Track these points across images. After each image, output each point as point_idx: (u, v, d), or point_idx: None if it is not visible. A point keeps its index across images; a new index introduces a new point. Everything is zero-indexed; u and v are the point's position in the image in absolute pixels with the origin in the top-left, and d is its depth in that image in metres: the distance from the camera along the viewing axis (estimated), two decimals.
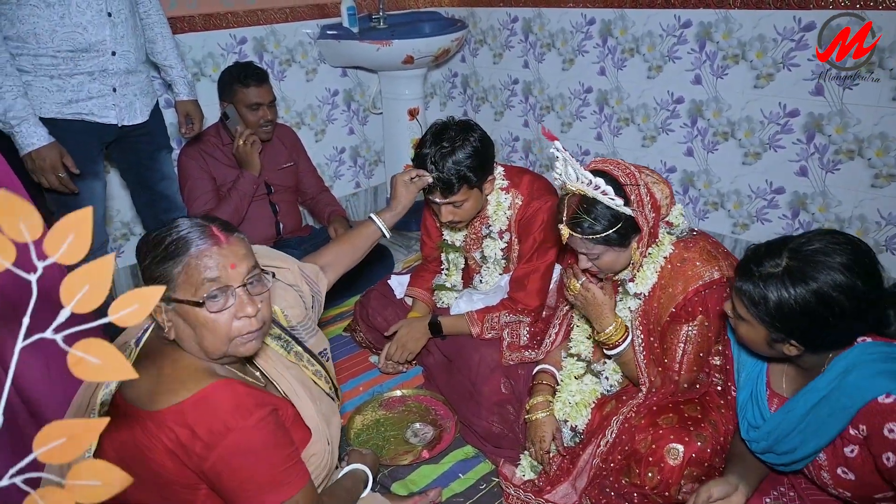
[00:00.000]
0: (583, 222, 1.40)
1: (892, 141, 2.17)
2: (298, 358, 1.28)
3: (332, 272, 1.59)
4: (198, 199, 2.38)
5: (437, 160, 1.69)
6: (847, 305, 1.08)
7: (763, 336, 1.19)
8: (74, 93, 1.88)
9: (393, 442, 1.86)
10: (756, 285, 1.14)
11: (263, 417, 1.05)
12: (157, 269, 1.03)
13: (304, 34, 3.00)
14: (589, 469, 1.53)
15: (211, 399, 1.02)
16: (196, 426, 1.00)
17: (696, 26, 2.53)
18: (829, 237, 1.12)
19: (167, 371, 1.06)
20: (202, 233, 1.04)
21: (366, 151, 3.48)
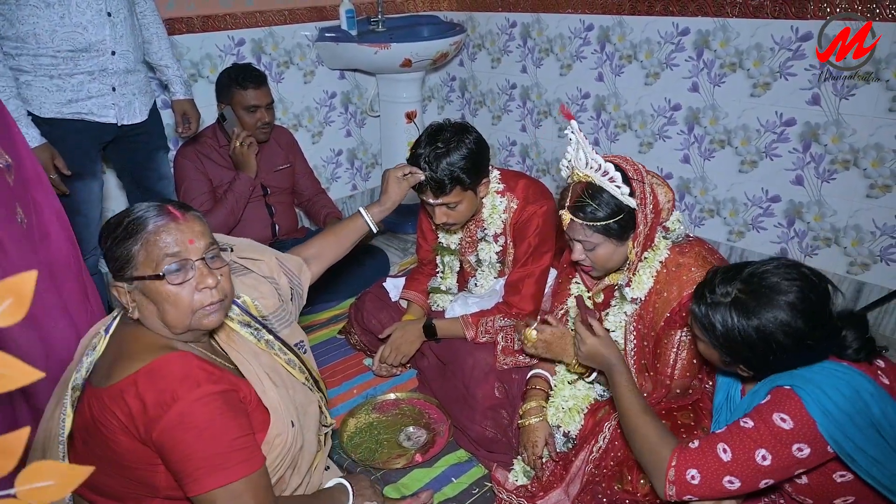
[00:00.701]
0: (586, 207, 1.41)
1: (887, 151, 2.18)
2: (269, 346, 1.29)
3: (316, 264, 1.60)
4: (193, 200, 2.37)
5: (430, 160, 1.69)
6: (785, 343, 1.11)
7: (717, 357, 1.23)
8: (74, 92, 1.87)
9: (386, 445, 1.86)
10: (705, 311, 1.18)
11: (212, 393, 1.04)
12: (118, 250, 1.07)
13: (303, 36, 3.00)
14: (581, 475, 1.53)
15: (161, 368, 1.04)
16: (145, 396, 1.01)
17: (694, 34, 2.54)
18: (785, 272, 1.13)
19: (126, 348, 1.09)
20: (159, 211, 1.09)
21: (363, 154, 3.48)
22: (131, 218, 1.08)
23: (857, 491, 1.16)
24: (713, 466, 1.16)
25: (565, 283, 1.76)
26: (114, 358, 1.09)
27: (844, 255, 2.39)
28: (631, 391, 1.36)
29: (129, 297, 1.09)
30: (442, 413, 1.96)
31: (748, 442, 1.13)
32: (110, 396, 1.03)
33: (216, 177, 2.44)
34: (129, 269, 1.06)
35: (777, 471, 1.13)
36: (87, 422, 1.07)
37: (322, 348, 2.33)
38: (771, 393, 1.15)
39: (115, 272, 1.09)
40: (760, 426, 1.13)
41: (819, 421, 1.08)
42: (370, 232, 1.70)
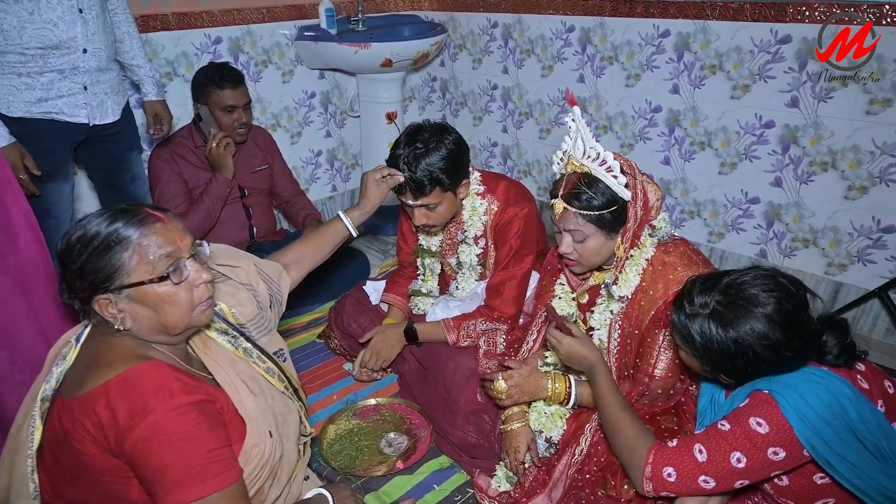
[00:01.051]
0: (582, 194, 1.40)
1: (864, 154, 2.20)
2: (248, 354, 1.26)
3: (296, 270, 1.57)
4: (169, 201, 2.32)
5: (409, 161, 1.67)
6: (764, 355, 1.12)
7: (698, 365, 1.24)
8: (44, 91, 1.82)
9: (367, 452, 1.83)
10: (684, 322, 1.19)
11: (186, 404, 1.01)
12: (101, 261, 1.02)
13: (281, 35, 2.96)
14: (564, 479, 1.51)
15: (134, 378, 1.01)
16: (117, 407, 0.98)
17: (675, 36, 2.55)
18: (763, 283, 1.14)
19: (98, 357, 1.06)
20: (139, 216, 1.05)
21: (343, 155, 3.44)
22: (107, 230, 1.03)
23: (836, 493, 1.17)
24: (689, 466, 1.19)
25: (549, 284, 1.74)
26: (85, 367, 1.05)
27: (822, 255, 2.41)
28: (611, 389, 1.37)
29: (116, 310, 1.05)
30: (423, 418, 1.94)
31: (723, 444, 1.15)
32: (80, 407, 1.00)
33: (192, 178, 2.38)
34: (119, 278, 1.02)
35: (752, 472, 1.15)
36: (57, 434, 1.04)
37: (301, 353, 2.29)
38: (750, 396, 1.16)
39: (96, 285, 1.03)
40: (736, 429, 1.14)
41: (796, 426, 1.09)
42: (350, 236, 1.67)
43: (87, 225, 1.05)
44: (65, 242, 1.05)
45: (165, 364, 1.06)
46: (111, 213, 1.05)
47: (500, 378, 1.59)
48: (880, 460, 1.10)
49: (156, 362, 1.05)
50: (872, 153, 2.18)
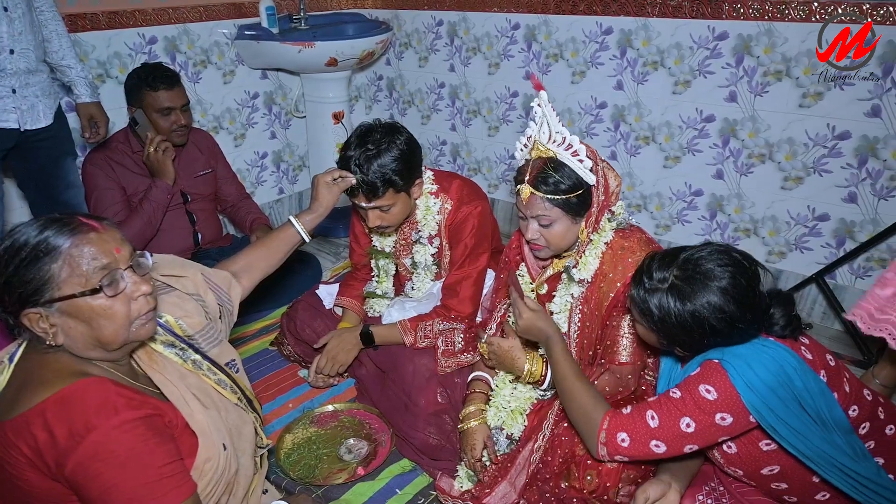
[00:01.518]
0: (549, 178, 1.41)
1: (798, 145, 2.30)
2: (197, 367, 1.21)
3: (246, 278, 1.52)
4: (106, 210, 2.20)
5: (361, 163, 1.64)
6: (718, 326, 1.17)
7: (655, 339, 1.29)
8: None
9: (326, 460, 1.79)
10: (643, 297, 1.23)
11: (132, 420, 0.96)
12: (29, 273, 0.96)
13: (221, 34, 2.86)
14: (527, 465, 1.52)
15: (74, 396, 0.95)
16: (55, 427, 0.92)
17: (617, 33, 2.59)
18: (718, 258, 1.19)
19: (33, 375, 0.99)
20: (71, 225, 1.00)
21: (289, 156, 3.36)
22: (36, 239, 0.97)
23: (782, 460, 1.22)
24: (641, 431, 1.25)
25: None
26: (18, 387, 0.99)
27: (763, 244, 2.51)
28: (566, 359, 1.42)
29: (48, 324, 0.98)
30: (383, 422, 1.91)
31: (674, 410, 1.21)
32: (14, 429, 0.94)
33: (130, 185, 2.27)
34: (49, 291, 0.96)
35: (700, 437, 1.20)
36: None
37: (253, 361, 2.23)
38: (701, 366, 1.22)
39: (25, 299, 0.97)
40: (686, 396, 1.20)
41: (742, 393, 1.14)
42: (302, 241, 1.62)
43: (15, 234, 0.99)
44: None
45: (107, 380, 1.01)
46: (42, 223, 1.00)
47: (483, 340, 1.62)
48: (821, 427, 1.16)
49: (96, 379, 0.99)
50: (806, 145, 2.28)
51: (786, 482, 1.26)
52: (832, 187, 2.28)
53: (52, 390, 0.95)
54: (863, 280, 2.31)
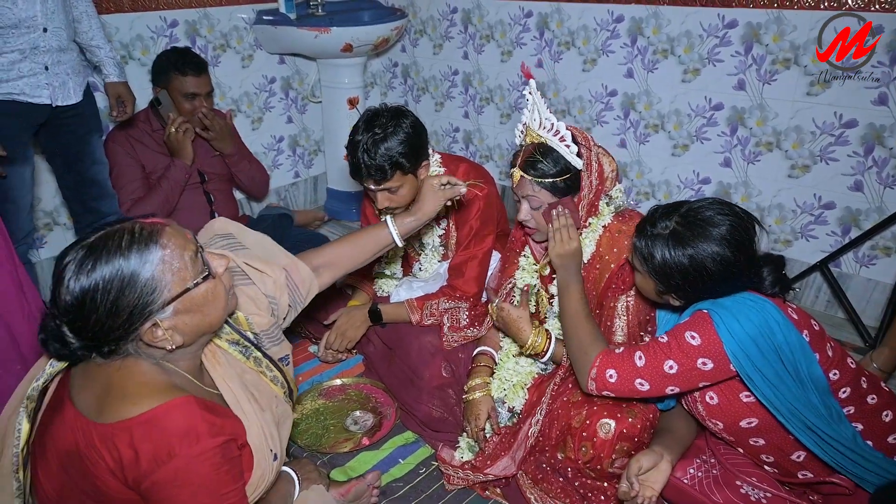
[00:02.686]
0: (537, 163, 1.50)
1: (806, 133, 2.31)
2: (258, 364, 1.25)
3: (328, 274, 1.49)
4: (125, 186, 2.29)
5: (369, 147, 1.68)
6: (715, 271, 1.24)
7: (652, 287, 1.35)
8: (4, 72, 1.78)
9: (333, 430, 1.86)
10: (646, 243, 1.30)
11: (212, 448, 0.99)
12: (134, 290, 0.97)
13: (240, 19, 2.93)
14: (526, 439, 1.58)
15: (161, 420, 0.97)
16: (140, 448, 0.95)
17: (628, 21, 2.62)
18: (718, 208, 1.27)
19: (117, 381, 1.01)
20: (145, 231, 0.99)
21: (305, 141, 3.43)
22: (127, 259, 0.96)
23: (759, 413, 1.29)
24: (628, 369, 1.33)
25: (513, 257, 1.80)
26: (103, 390, 1.00)
27: (769, 232, 2.53)
28: (580, 299, 1.50)
29: (163, 329, 1.00)
30: (389, 397, 1.98)
31: (660, 353, 1.29)
32: (101, 438, 0.97)
33: (149, 162, 2.36)
34: (160, 297, 0.98)
35: (681, 379, 1.28)
36: (69, 448, 1.00)
37: None
38: (691, 315, 1.30)
39: (135, 318, 0.97)
40: (672, 341, 1.28)
41: (725, 341, 1.22)
42: (394, 244, 1.56)
43: (99, 267, 0.96)
44: (70, 296, 0.95)
45: (192, 400, 1.01)
46: (118, 242, 0.97)
47: (495, 303, 1.69)
48: (798, 384, 1.21)
49: (183, 400, 1.00)
50: (813, 133, 2.29)
51: (763, 437, 1.31)
52: (838, 175, 2.29)
53: (141, 408, 0.97)
54: (867, 268, 2.33)
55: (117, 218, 1.06)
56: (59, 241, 2.61)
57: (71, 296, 0.95)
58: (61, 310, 0.97)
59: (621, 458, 1.45)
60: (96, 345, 0.99)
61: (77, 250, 0.97)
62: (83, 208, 2.14)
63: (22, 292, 1.50)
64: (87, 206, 2.14)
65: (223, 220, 1.47)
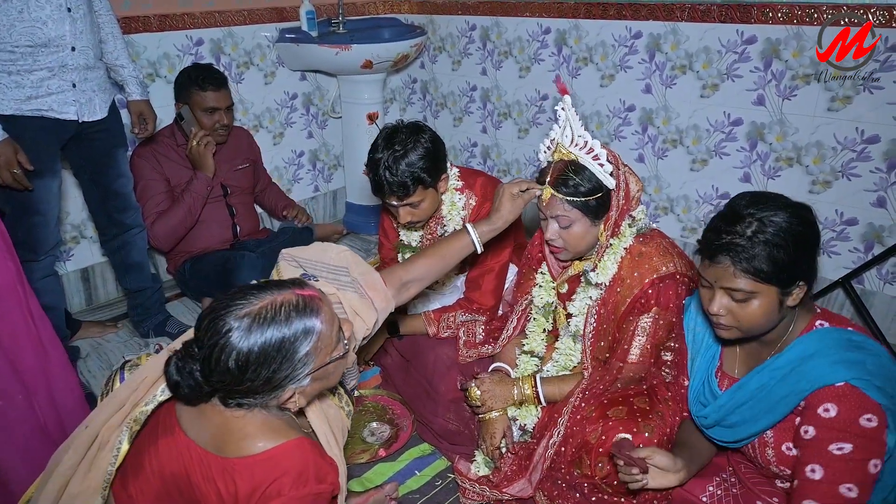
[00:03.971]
0: (569, 181, 1.45)
1: (826, 149, 2.29)
2: (339, 399, 1.28)
3: (415, 287, 1.52)
4: (150, 200, 2.35)
5: (390, 164, 1.70)
6: (806, 219, 1.16)
7: (775, 298, 1.17)
8: (34, 89, 1.85)
9: (350, 441, 1.87)
10: (751, 248, 1.14)
11: (314, 494, 1.02)
12: (291, 361, 1.01)
13: (263, 37, 3.00)
14: (543, 462, 1.57)
15: (282, 459, 1.02)
16: (257, 483, 1.00)
17: (647, 37, 2.63)
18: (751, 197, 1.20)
19: (236, 424, 1.05)
20: (307, 304, 1.03)
21: (325, 156, 3.48)
22: (292, 331, 1.00)
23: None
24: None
25: (530, 273, 1.80)
26: (220, 430, 1.05)
27: None
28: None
29: (297, 395, 1.06)
30: (405, 409, 1.98)
31: (859, 463, 1.10)
32: (220, 470, 1.02)
33: (174, 176, 2.41)
34: (308, 367, 1.03)
35: (881, 464, 1.12)
36: (177, 472, 1.04)
37: None
38: (830, 401, 1.12)
39: (289, 384, 1.03)
40: (857, 443, 1.10)
41: (882, 403, 1.09)
42: (475, 251, 1.58)
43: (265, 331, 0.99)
44: (233, 361, 0.98)
45: (307, 443, 1.06)
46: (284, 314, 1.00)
47: (472, 385, 1.67)
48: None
49: (299, 441, 1.05)
50: (834, 148, 2.28)
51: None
52: (861, 191, 2.27)
53: (265, 445, 1.02)
54: (891, 285, 2.29)
55: (269, 281, 1.08)
56: (86, 253, 2.67)
57: (234, 361, 0.98)
58: (215, 370, 0.99)
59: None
60: (229, 396, 1.03)
61: (242, 318, 0.99)
62: (108, 220, 2.20)
63: (31, 319, 1.51)
64: (111, 219, 2.19)
65: (341, 251, 1.43)
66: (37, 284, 1.95)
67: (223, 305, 1.01)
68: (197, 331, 1.03)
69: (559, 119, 1.47)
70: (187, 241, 2.47)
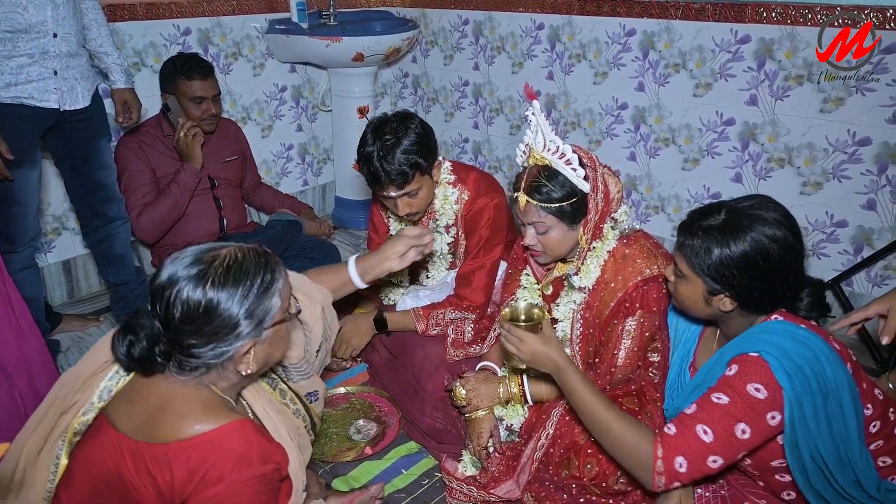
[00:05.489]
0: (542, 187, 1.43)
1: (818, 150, 2.29)
2: (282, 395, 1.25)
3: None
4: (136, 191, 2.30)
5: (385, 153, 1.67)
6: (778, 255, 1.16)
7: (700, 292, 1.24)
8: (13, 76, 1.80)
9: (336, 439, 1.84)
10: (698, 238, 1.21)
11: (258, 476, 0.99)
12: (263, 301, 1.02)
13: (252, 28, 2.95)
14: (530, 463, 1.55)
15: (220, 442, 0.98)
16: (196, 468, 0.95)
17: (640, 35, 2.61)
18: (759, 199, 1.21)
19: (173, 402, 1.01)
20: (272, 259, 1.07)
21: (314, 149, 3.44)
22: (266, 274, 1.03)
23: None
24: (697, 450, 1.15)
25: (515, 273, 1.78)
26: (156, 410, 1.00)
27: None
28: (590, 391, 1.28)
29: (252, 352, 1.04)
30: (392, 406, 1.96)
31: (727, 418, 1.14)
32: (153, 458, 0.96)
33: (160, 167, 2.37)
34: (269, 319, 1.03)
35: (754, 441, 1.15)
36: (107, 473, 0.99)
37: None
38: (737, 362, 1.17)
39: (253, 332, 1.02)
40: (735, 399, 1.13)
41: (785, 388, 1.11)
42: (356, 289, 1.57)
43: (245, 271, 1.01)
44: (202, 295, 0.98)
45: (249, 424, 1.03)
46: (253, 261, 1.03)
47: (458, 385, 1.65)
48: (831, 434, 1.13)
49: (240, 422, 1.01)
50: (826, 150, 2.27)
51: (790, 475, 1.24)
52: (851, 193, 2.27)
53: (200, 429, 0.98)
54: (879, 288, 2.29)
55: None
56: (68, 245, 2.62)
57: (203, 295, 0.97)
58: (181, 314, 0.97)
59: (626, 475, 1.42)
60: (186, 354, 1.00)
61: (210, 261, 1.00)
62: (90, 211, 2.15)
63: (10, 306, 1.49)
64: (94, 210, 2.15)
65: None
66: (16, 276, 1.91)
67: (187, 253, 1.03)
68: (157, 279, 1.01)
69: (531, 124, 1.44)
70: (173, 233, 2.42)
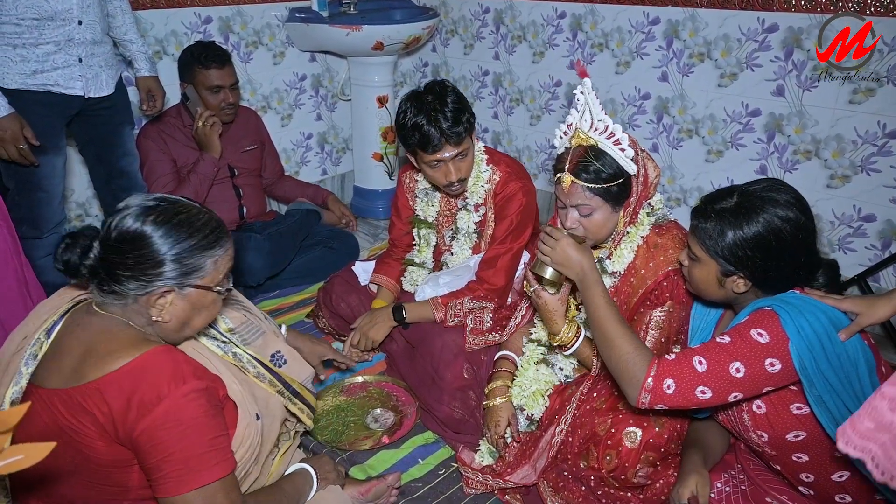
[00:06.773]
0: (590, 166, 1.39)
1: (846, 143, 2.24)
2: (237, 359, 1.25)
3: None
4: (157, 180, 2.32)
5: (437, 112, 1.71)
6: (791, 235, 1.18)
7: (714, 273, 1.26)
8: (39, 63, 1.82)
9: (353, 427, 1.85)
10: (712, 221, 1.23)
11: (198, 390, 1.02)
12: (195, 257, 1.07)
13: (272, 16, 2.95)
14: (549, 449, 1.54)
15: (149, 364, 1.01)
16: (131, 394, 0.97)
17: (664, 23, 2.57)
18: (771, 181, 1.23)
19: (98, 344, 1.03)
20: (225, 232, 1.13)
21: (333, 138, 3.44)
22: (213, 228, 1.10)
23: (809, 427, 1.21)
24: (688, 376, 1.19)
25: None
26: (81, 356, 1.02)
27: None
28: (607, 301, 1.32)
29: (167, 301, 1.07)
30: (410, 395, 1.96)
31: (724, 355, 1.17)
32: (86, 395, 0.98)
33: (180, 157, 2.38)
34: (195, 277, 1.08)
35: (747, 383, 1.17)
36: (44, 430, 1.00)
37: None
38: (751, 314, 1.20)
39: (175, 278, 1.06)
40: (737, 340, 1.17)
41: (792, 338, 1.13)
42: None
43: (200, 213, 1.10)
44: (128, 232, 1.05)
45: (173, 349, 1.07)
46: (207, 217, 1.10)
47: (533, 288, 1.52)
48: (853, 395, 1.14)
49: (165, 347, 1.05)
50: (854, 142, 2.22)
51: (807, 453, 1.24)
52: (880, 187, 2.21)
53: (127, 358, 1.00)
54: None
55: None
56: None
57: (140, 230, 1.04)
58: (115, 237, 1.05)
59: (646, 468, 1.41)
60: (108, 275, 1.04)
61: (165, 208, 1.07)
62: (113, 199, 2.18)
63: (26, 291, 1.51)
64: (116, 197, 2.17)
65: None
66: (40, 262, 1.94)
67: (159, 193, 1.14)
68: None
69: (577, 103, 1.41)
70: None
